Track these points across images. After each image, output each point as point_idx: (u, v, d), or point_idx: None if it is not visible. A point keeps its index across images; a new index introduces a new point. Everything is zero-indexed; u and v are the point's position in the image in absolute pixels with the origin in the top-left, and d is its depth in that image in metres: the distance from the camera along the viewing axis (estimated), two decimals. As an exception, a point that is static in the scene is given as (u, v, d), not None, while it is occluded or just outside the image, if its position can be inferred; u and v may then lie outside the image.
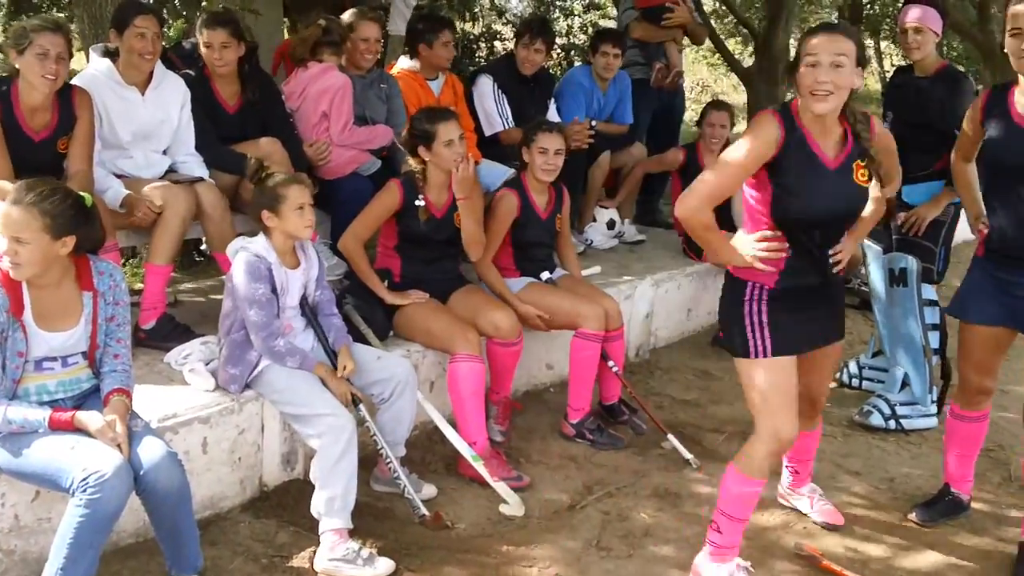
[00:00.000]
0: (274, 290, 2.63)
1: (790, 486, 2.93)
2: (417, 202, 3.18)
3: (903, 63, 3.76)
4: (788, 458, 2.86)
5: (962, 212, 3.70)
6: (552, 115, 4.48)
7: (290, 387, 2.61)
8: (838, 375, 3.99)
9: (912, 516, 2.90)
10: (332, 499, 2.49)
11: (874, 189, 2.50)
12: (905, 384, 3.65)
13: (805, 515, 2.89)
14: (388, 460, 2.70)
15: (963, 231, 4.02)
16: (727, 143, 4.64)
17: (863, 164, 2.32)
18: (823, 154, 2.29)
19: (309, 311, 2.77)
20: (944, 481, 2.95)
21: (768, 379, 2.34)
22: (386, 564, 2.47)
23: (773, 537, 2.79)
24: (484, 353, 3.15)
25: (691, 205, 2.28)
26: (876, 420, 3.57)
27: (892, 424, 3.57)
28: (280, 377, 2.62)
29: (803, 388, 2.54)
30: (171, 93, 3.26)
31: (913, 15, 3.50)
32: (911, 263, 3.56)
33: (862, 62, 2.24)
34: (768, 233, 2.33)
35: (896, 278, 3.61)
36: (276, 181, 2.66)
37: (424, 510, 2.69)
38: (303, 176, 2.82)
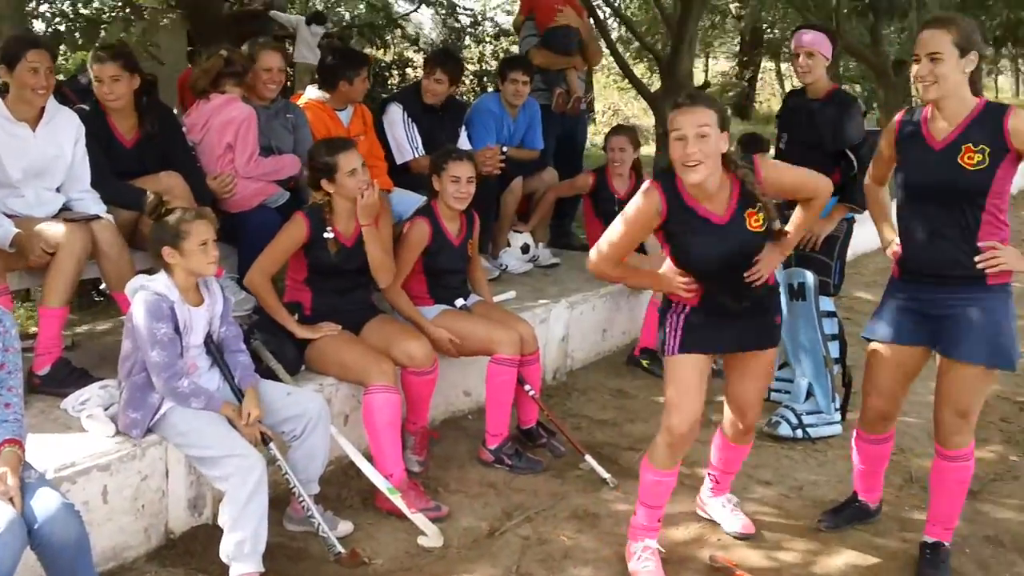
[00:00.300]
0: (177, 329, 2.55)
1: (709, 494, 3.01)
2: (326, 234, 3.14)
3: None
4: (711, 466, 2.96)
5: (855, 227, 3.90)
6: (463, 143, 4.51)
7: (195, 429, 2.53)
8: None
9: (820, 523, 3.00)
10: (242, 542, 2.42)
11: (797, 212, 2.62)
12: (810, 394, 3.79)
13: (719, 527, 2.96)
14: (301, 499, 2.64)
15: (856, 245, 4.23)
16: (635, 163, 4.80)
17: (755, 211, 2.43)
18: (710, 213, 2.43)
19: (215, 349, 2.70)
20: (853, 490, 3.05)
21: (673, 375, 2.55)
22: (301, 606, 2.41)
23: (688, 551, 2.84)
24: (399, 383, 3.13)
25: (596, 264, 2.59)
26: (784, 430, 3.69)
27: (799, 433, 3.69)
28: (184, 419, 2.54)
29: (733, 396, 2.74)
30: (64, 128, 3.15)
31: (804, 40, 3.67)
32: (808, 278, 3.72)
33: (725, 126, 2.39)
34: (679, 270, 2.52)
35: (795, 292, 3.76)
36: (177, 217, 2.59)
37: (340, 548, 2.63)
38: (206, 210, 2.75)
